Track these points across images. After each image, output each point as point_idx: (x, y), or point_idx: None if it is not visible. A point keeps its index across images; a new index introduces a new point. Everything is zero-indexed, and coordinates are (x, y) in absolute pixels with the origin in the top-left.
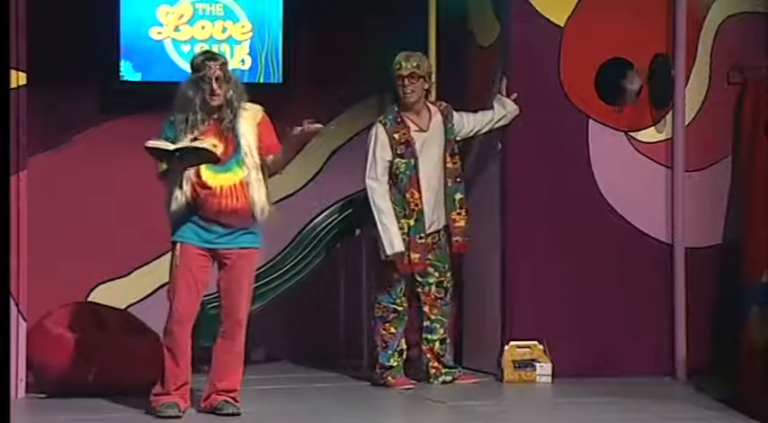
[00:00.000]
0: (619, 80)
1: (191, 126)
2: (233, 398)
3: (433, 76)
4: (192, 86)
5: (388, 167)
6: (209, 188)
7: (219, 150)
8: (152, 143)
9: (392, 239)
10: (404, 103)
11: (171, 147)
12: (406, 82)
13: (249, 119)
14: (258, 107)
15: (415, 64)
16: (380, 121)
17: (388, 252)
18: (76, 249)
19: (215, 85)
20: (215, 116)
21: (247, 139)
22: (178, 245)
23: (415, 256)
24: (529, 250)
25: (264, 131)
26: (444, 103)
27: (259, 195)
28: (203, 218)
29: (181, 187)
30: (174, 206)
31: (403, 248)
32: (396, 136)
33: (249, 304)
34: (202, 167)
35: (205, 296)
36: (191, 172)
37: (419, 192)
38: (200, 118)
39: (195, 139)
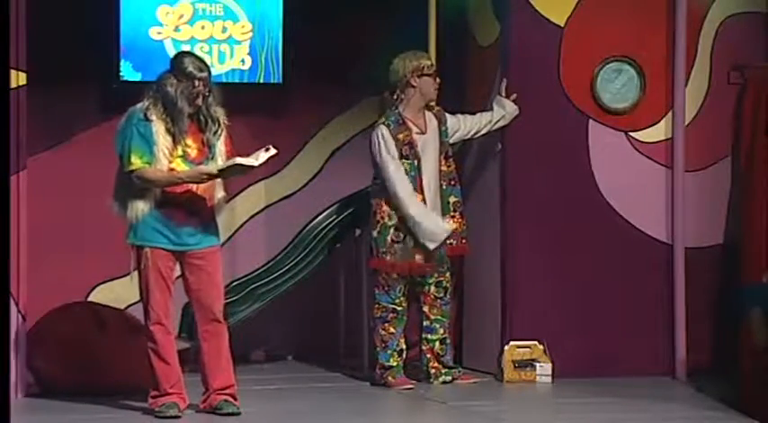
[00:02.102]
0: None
1: (179, 134)
2: (231, 395)
3: None
4: (182, 97)
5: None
6: (187, 186)
7: (195, 152)
8: (241, 160)
9: (436, 227)
10: (429, 100)
11: (256, 163)
12: (437, 79)
13: (219, 134)
14: (222, 116)
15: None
16: (383, 123)
17: (441, 237)
18: (76, 249)
19: (200, 103)
20: (193, 119)
21: (220, 144)
22: (147, 250)
23: (419, 257)
24: (529, 250)
25: (226, 145)
26: (437, 107)
27: (220, 194)
28: (174, 218)
29: (138, 194)
30: (140, 208)
31: (453, 225)
32: (399, 137)
33: (223, 299)
34: (181, 167)
35: None
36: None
37: (422, 193)
38: (185, 126)
39: (267, 149)
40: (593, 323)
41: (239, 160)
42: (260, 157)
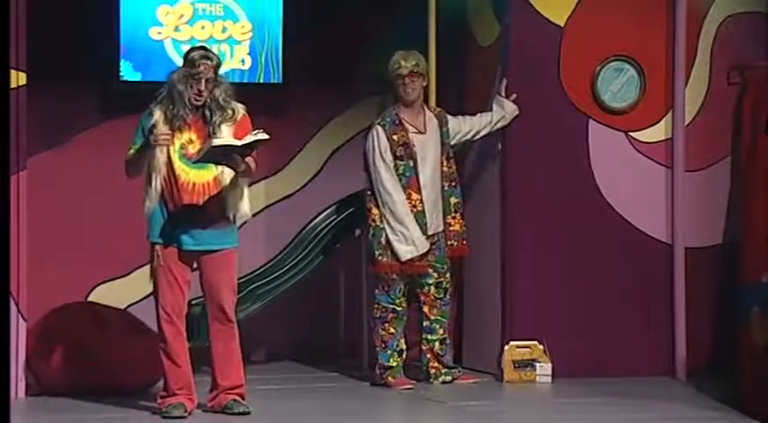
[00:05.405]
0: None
1: (176, 119)
2: (240, 395)
3: (433, 75)
4: (182, 81)
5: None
6: (181, 183)
7: (197, 147)
8: (219, 141)
9: (415, 242)
10: (404, 102)
11: (239, 142)
12: (407, 81)
13: (229, 120)
14: (240, 107)
15: (414, 62)
16: (379, 123)
17: (413, 254)
18: (76, 249)
19: (203, 87)
20: (198, 113)
21: (226, 129)
22: (157, 247)
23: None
24: (529, 250)
25: (239, 130)
26: (438, 108)
27: (233, 197)
28: (176, 216)
29: (151, 184)
30: (147, 203)
31: (427, 245)
32: (395, 137)
33: (235, 299)
34: (176, 161)
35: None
36: (162, 166)
37: (419, 193)
38: (183, 113)
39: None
40: (593, 323)
41: (216, 142)
42: (245, 138)
